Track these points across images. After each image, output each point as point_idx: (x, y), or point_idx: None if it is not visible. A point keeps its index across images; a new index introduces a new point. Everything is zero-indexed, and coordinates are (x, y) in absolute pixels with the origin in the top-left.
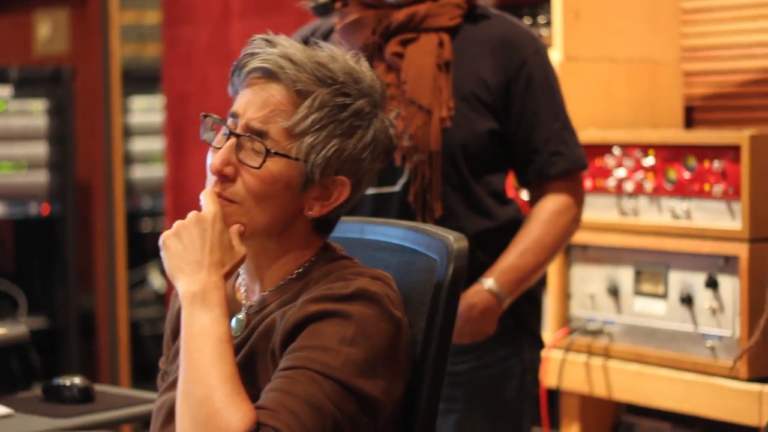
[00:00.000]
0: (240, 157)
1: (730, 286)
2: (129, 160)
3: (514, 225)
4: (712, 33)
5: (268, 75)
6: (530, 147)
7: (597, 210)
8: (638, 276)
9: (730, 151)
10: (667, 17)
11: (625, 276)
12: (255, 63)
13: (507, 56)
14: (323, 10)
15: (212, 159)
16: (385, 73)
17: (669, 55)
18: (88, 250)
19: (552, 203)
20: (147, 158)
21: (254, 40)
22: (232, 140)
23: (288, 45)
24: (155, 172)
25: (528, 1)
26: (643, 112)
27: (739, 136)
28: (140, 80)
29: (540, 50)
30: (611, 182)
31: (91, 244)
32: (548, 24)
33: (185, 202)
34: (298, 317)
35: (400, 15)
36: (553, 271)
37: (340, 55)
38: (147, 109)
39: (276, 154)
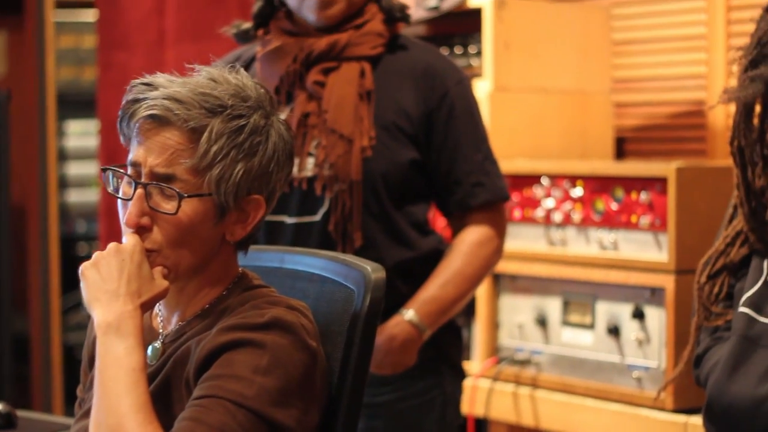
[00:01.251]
0: (152, 205)
1: (657, 317)
2: (64, 184)
3: (435, 256)
4: (643, 64)
5: (159, 120)
6: (452, 178)
7: (526, 240)
8: (566, 306)
9: (657, 183)
10: (598, 48)
11: (553, 306)
12: (142, 111)
13: (429, 87)
14: (245, 37)
15: (125, 212)
16: (306, 101)
17: (600, 86)
18: (22, 273)
19: (474, 234)
20: (82, 182)
21: (134, 85)
22: (140, 190)
23: (168, 83)
24: (90, 196)
25: (459, 31)
26: (573, 143)
27: (666, 168)
28: (77, 104)
29: (462, 81)
30: (540, 212)
31: (25, 267)
32: (479, 54)
33: (120, 227)
34: (212, 346)
35: (321, 43)
36: (481, 300)
37: (219, 76)
38: (82, 133)
39: (189, 196)
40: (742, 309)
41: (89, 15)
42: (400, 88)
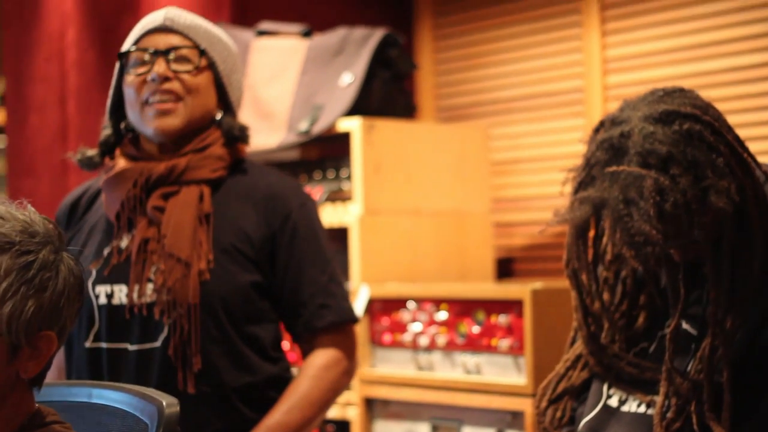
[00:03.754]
0: None
1: None
2: None
3: (279, 382)
4: (524, 184)
5: None
6: (297, 300)
7: (396, 365)
8: (435, 431)
9: (515, 306)
10: (476, 168)
11: (422, 431)
12: None
13: (271, 209)
14: (89, 164)
15: None
16: (146, 227)
17: (478, 206)
18: None
19: (321, 358)
20: None
21: None
22: None
23: None
24: None
25: (332, 155)
26: (451, 265)
27: (522, 290)
28: None
29: (305, 203)
30: (407, 336)
31: None
32: (350, 177)
33: None
34: None
35: (161, 168)
36: (356, 426)
37: (6, 213)
38: None
39: None
40: None
41: None
42: (241, 212)
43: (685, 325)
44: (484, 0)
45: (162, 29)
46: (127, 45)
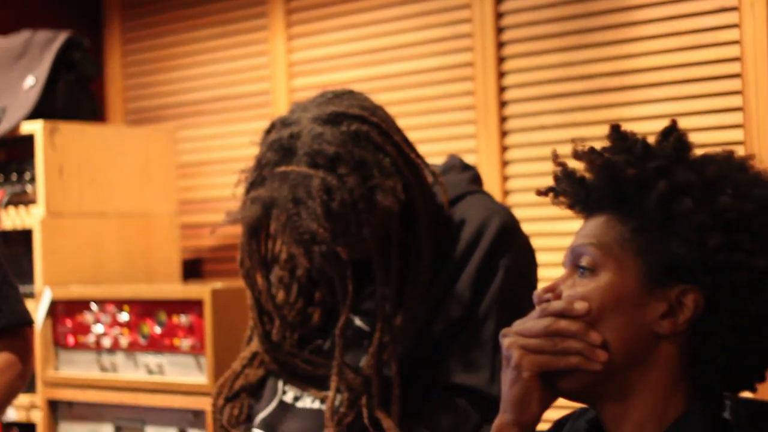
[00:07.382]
0: None
1: None
2: None
3: None
4: (213, 186)
5: None
6: None
7: (79, 367)
8: None
9: (195, 306)
10: (162, 171)
11: None
12: None
13: None
14: None
15: None
16: None
17: (165, 208)
18: None
19: None
20: None
21: None
22: None
23: None
24: None
25: (15, 158)
26: (137, 267)
27: (202, 291)
28: None
29: None
30: (91, 338)
31: None
32: (34, 180)
33: None
34: None
35: None
36: (41, 429)
37: None
38: None
39: None
40: (256, 430)
41: None
42: None
43: (359, 322)
44: (172, 4)
45: None
46: None
